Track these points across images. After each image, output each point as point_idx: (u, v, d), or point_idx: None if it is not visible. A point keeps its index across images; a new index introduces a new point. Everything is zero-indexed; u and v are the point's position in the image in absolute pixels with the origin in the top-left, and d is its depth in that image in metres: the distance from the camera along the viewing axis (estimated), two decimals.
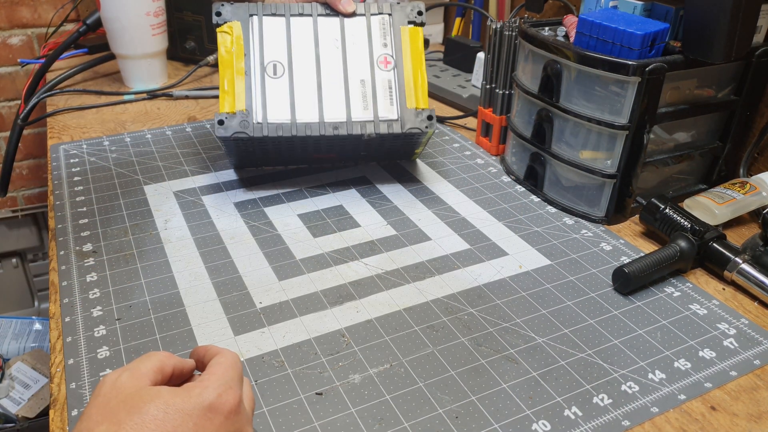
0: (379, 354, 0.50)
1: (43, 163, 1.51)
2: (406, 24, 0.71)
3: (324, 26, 0.70)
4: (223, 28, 0.68)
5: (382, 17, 0.71)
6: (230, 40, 0.68)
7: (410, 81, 0.70)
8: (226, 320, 0.54)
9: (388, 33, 0.70)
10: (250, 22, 0.69)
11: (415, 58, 0.70)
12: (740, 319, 0.55)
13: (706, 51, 0.60)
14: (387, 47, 0.70)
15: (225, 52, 0.67)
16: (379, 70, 0.70)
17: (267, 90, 0.68)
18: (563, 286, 0.59)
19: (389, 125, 0.69)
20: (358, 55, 0.70)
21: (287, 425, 0.44)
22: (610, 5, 0.68)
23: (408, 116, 0.69)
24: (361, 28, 0.70)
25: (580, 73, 0.64)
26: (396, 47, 0.70)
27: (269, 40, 0.69)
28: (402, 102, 0.69)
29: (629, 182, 0.67)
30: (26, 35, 1.34)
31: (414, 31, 0.71)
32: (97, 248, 0.63)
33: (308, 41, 0.69)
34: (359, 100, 0.69)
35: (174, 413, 0.33)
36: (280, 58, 0.68)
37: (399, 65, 0.70)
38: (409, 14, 0.71)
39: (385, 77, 0.70)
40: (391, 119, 0.69)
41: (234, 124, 0.66)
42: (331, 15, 0.70)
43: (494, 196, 0.74)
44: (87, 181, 0.75)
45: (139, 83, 1.03)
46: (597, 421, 0.45)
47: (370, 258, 0.62)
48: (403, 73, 0.70)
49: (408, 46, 0.70)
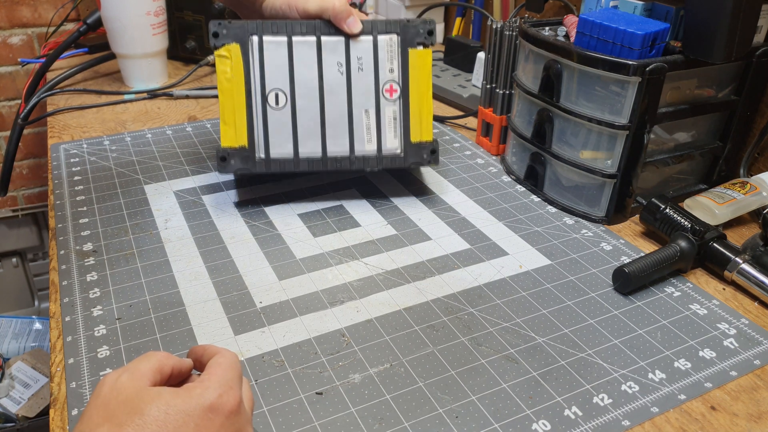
0: (379, 354, 0.50)
1: (43, 163, 1.51)
2: (415, 45, 0.67)
3: (328, 47, 0.66)
4: (221, 52, 0.64)
5: (390, 38, 0.66)
6: (229, 67, 0.64)
7: (416, 111, 0.68)
8: (227, 320, 0.54)
9: (396, 56, 0.67)
10: (249, 44, 0.64)
11: (423, 84, 0.68)
12: (740, 319, 0.55)
13: (706, 51, 0.60)
14: (393, 72, 0.67)
15: (225, 81, 0.64)
16: (384, 99, 0.67)
17: (269, 122, 0.66)
18: (563, 285, 0.59)
19: (392, 160, 0.69)
20: (364, 83, 0.67)
21: (287, 425, 0.44)
22: (610, 5, 0.68)
23: (411, 150, 0.69)
24: (367, 50, 0.66)
25: (580, 73, 0.64)
26: (403, 72, 0.67)
27: (270, 65, 0.65)
28: (406, 134, 0.68)
29: (629, 182, 0.67)
30: (26, 35, 1.34)
31: (422, 55, 0.67)
32: (97, 248, 0.63)
33: (311, 65, 0.66)
34: (363, 133, 0.68)
35: (175, 414, 0.33)
36: (282, 86, 0.65)
37: (405, 93, 0.67)
38: (418, 34, 0.67)
39: (390, 108, 0.67)
40: (395, 153, 0.68)
41: (236, 161, 0.66)
42: (335, 35, 0.65)
43: (494, 195, 0.74)
44: (87, 180, 0.75)
45: (139, 83, 1.03)
46: (597, 420, 0.45)
47: (370, 258, 0.62)
48: (408, 102, 0.68)
49: (416, 71, 0.67)
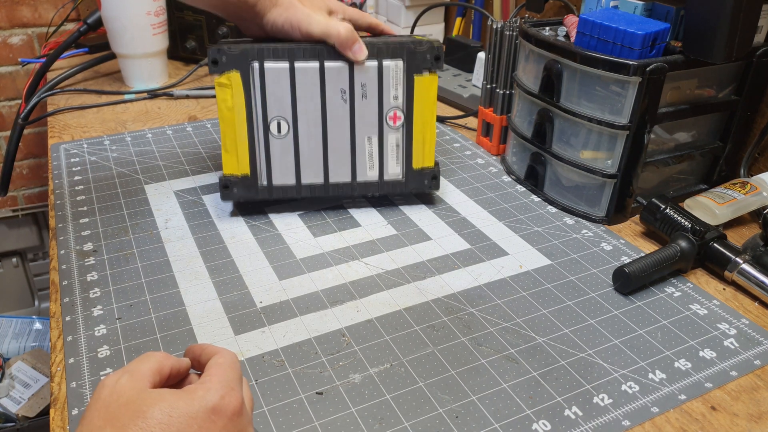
0: (380, 353, 0.50)
1: (43, 163, 1.51)
2: (421, 72, 0.64)
3: (331, 74, 0.63)
4: (221, 80, 0.62)
5: (396, 64, 0.63)
6: (230, 95, 0.62)
7: (419, 138, 0.67)
8: (227, 319, 0.54)
9: (401, 83, 0.64)
10: (250, 71, 0.62)
11: (427, 111, 0.66)
12: (741, 319, 0.55)
13: (706, 51, 0.60)
14: (398, 99, 0.65)
15: (226, 109, 0.63)
16: (387, 127, 0.66)
17: (271, 150, 0.65)
18: (563, 285, 0.59)
19: (393, 186, 0.69)
20: (367, 110, 0.65)
21: (287, 425, 0.44)
22: (610, 5, 0.68)
23: (413, 176, 0.69)
24: (371, 77, 0.64)
25: (580, 73, 0.64)
26: (407, 99, 0.65)
27: (272, 92, 0.63)
28: (408, 160, 0.68)
29: (630, 182, 0.67)
30: (27, 35, 1.34)
31: (428, 81, 0.65)
32: (97, 247, 0.63)
33: (314, 92, 0.63)
34: (365, 160, 0.67)
35: (178, 416, 0.33)
36: (284, 114, 0.64)
37: (409, 119, 0.66)
38: (425, 60, 0.64)
39: (393, 135, 0.66)
40: (397, 179, 0.68)
41: (239, 189, 0.66)
42: (338, 60, 0.63)
43: (495, 195, 0.74)
44: (87, 180, 0.75)
45: (139, 83, 1.03)
46: (597, 420, 0.45)
47: (370, 257, 0.62)
48: (412, 128, 0.66)
49: (421, 98, 0.65)
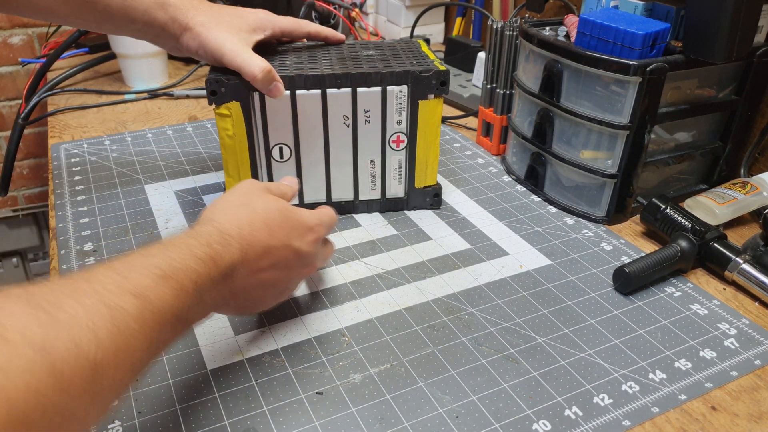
0: (380, 353, 0.50)
1: (43, 163, 1.51)
2: (426, 97, 0.62)
3: (334, 101, 0.61)
4: (221, 110, 0.60)
5: (400, 89, 0.61)
6: (231, 124, 0.61)
7: (422, 159, 0.66)
8: (227, 319, 0.54)
9: (405, 108, 0.62)
10: (251, 100, 0.60)
11: (431, 133, 0.65)
12: (741, 319, 0.55)
13: (707, 51, 0.60)
14: (401, 124, 0.63)
15: (227, 137, 0.61)
16: (390, 149, 0.65)
17: (274, 174, 0.65)
18: (564, 285, 0.59)
19: (395, 203, 0.69)
20: (370, 135, 0.64)
21: (287, 424, 0.44)
22: (611, 5, 0.68)
23: (415, 194, 0.69)
24: (375, 102, 0.62)
25: (580, 72, 0.64)
26: (411, 123, 0.64)
27: (274, 120, 0.61)
28: (410, 180, 0.68)
29: (630, 182, 0.67)
30: (27, 35, 1.34)
31: (434, 105, 0.63)
32: (97, 247, 0.63)
33: (316, 119, 0.62)
34: (367, 180, 0.67)
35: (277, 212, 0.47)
36: (286, 140, 0.63)
37: (412, 142, 0.65)
38: (430, 86, 0.62)
39: (396, 157, 0.66)
40: (398, 197, 0.69)
41: None
42: (341, 87, 0.60)
43: (495, 195, 0.74)
44: (88, 180, 0.75)
45: (139, 82, 1.03)
46: (597, 420, 0.45)
47: (370, 257, 0.62)
48: (415, 150, 0.65)
49: (425, 121, 0.64)
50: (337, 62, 0.63)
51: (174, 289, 0.36)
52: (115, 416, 0.44)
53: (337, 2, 1.09)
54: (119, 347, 0.31)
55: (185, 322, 0.38)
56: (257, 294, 0.46)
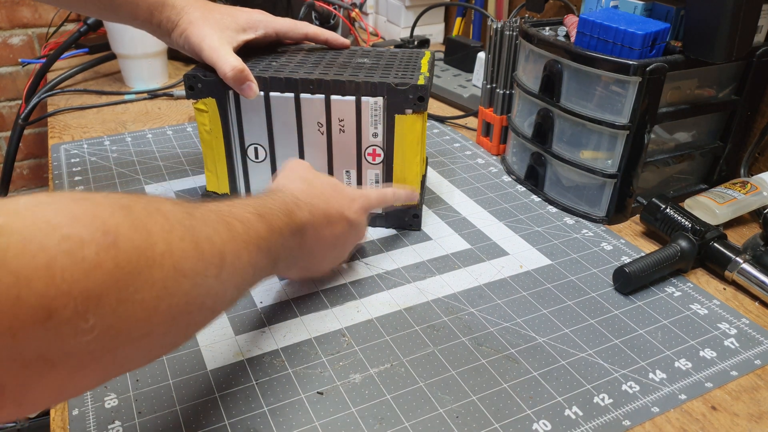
0: (380, 354, 0.50)
1: (43, 163, 1.51)
2: (403, 111, 0.59)
3: (307, 106, 0.60)
4: (199, 105, 0.61)
5: (375, 101, 0.59)
6: (208, 119, 0.62)
7: (400, 176, 0.63)
8: (227, 319, 0.54)
9: (380, 121, 0.60)
10: (227, 99, 0.60)
11: (409, 150, 0.61)
12: (741, 319, 0.55)
13: (706, 51, 0.60)
14: (377, 137, 0.61)
15: (204, 132, 0.63)
16: (366, 162, 0.62)
17: (250, 174, 0.65)
18: (564, 285, 0.59)
19: (373, 220, 0.67)
20: (345, 145, 0.62)
21: (288, 425, 0.44)
22: (610, 5, 0.68)
23: (393, 213, 0.66)
24: (349, 111, 0.60)
25: (580, 73, 0.64)
26: (387, 137, 0.61)
27: (248, 120, 0.62)
28: None
29: (630, 182, 0.67)
30: (27, 35, 1.34)
31: (411, 120, 0.59)
32: None
33: (290, 123, 0.61)
34: None
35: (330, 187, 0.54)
36: (261, 141, 0.63)
37: (389, 157, 0.62)
38: (407, 100, 0.58)
39: (372, 171, 0.63)
40: (377, 213, 0.66)
41: None
42: (315, 93, 0.59)
43: (495, 195, 0.74)
44: (88, 180, 0.75)
45: (139, 83, 1.03)
46: (597, 420, 0.45)
47: (370, 257, 0.62)
48: (392, 167, 0.62)
49: (402, 138, 0.60)
50: (322, 68, 0.62)
51: (268, 226, 0.42)
52: (115, 416, 0.44)
53: (336, 2, 1.09)
54: (235, 251, 0.37)
55: (273, 260, 0.44)
56: (320, 255, 0.53)
